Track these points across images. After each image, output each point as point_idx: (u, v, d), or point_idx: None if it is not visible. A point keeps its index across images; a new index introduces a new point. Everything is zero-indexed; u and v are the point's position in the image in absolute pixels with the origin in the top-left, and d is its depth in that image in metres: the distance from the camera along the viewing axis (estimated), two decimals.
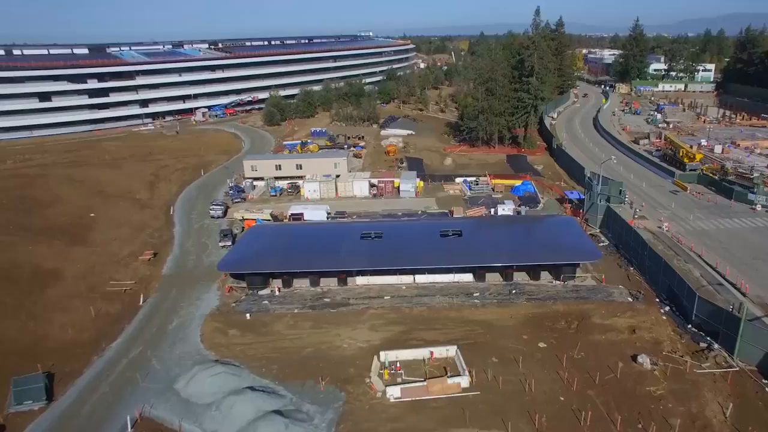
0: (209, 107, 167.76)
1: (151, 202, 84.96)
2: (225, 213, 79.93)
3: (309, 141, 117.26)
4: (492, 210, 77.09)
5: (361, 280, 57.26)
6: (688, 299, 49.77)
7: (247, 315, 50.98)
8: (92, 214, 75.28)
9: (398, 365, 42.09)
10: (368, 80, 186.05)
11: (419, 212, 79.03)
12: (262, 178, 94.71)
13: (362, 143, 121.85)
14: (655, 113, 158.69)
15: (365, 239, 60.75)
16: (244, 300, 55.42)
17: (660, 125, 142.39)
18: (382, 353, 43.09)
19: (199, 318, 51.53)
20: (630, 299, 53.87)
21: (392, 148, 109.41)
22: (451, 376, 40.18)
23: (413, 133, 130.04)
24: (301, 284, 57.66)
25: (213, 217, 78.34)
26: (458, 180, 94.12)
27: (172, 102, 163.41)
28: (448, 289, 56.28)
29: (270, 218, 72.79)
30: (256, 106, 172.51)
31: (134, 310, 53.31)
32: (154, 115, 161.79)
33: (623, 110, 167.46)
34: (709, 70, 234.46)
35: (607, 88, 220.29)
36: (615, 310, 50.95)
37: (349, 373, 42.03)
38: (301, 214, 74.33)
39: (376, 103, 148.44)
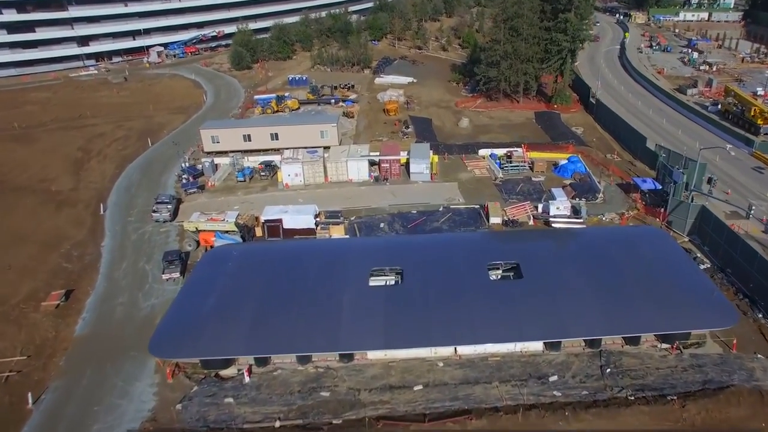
0: (165, 45, 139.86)
1: (74, 196, 62.56)
2: (175, 213, 58.39)
3: (287, 95, 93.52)
4: (540, 207, 56.92)
5: (375, 354, 37.65)
6: None
7: None
8: None
9: None
10: (353, 8, 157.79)
11: (440, 208, 58.53)
12: (227, 153, 72.40)
13: (353, 96, 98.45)
14: (690, 51, 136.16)
15: (378, 281, 40.83)
16: (196, 394, 35.63)
17: (701, 67, 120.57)
18: None
19: None
20: None
21: (393, 105, 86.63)
22: None
23: (414, 80, 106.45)
24: (285, 359, 37.91)
25: (158, 221, 56.89)
26: (483, 152, 72.95)
27: (118, 39, 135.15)
28: (509, 367, 37.10)
29: (235, 229, 51.66)
30: (223, 42, 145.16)
31: (14, 429, 33.23)
32: (99, 56, 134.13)
33: (650, 46, 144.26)
34: None
35: (622, 17, 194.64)
36: None
37: None
38: (279, 220, 53.27)
39: (367, 42, 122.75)
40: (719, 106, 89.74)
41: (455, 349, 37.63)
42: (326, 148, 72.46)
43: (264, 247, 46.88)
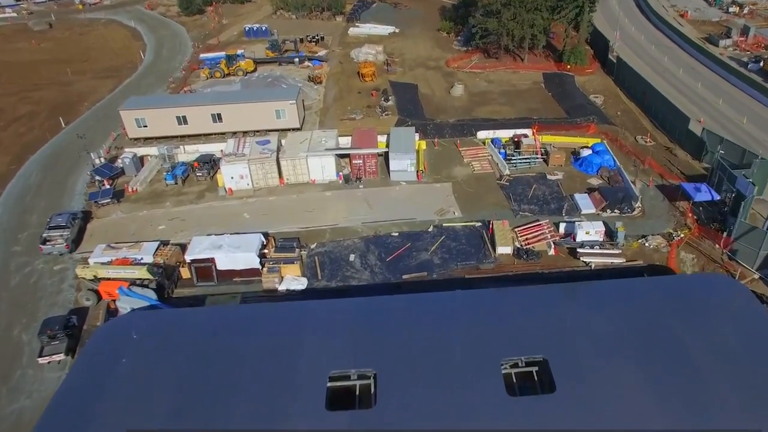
0: None
1: None
2: (80, 238, 43.66)
3: (240, 52, 76.03)
4: (562, 228, 42.97)
5: None
6: None
7: None
8: None
9: None
10: None
11: (430, 227, 44.43)
12: (159, 141, 56.82)
13: (322, 52, 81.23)
14: None
15: (340, 387, 27.55)
16: None
17: (730, 9, 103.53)
18: None
19: None
20: None
21: (369, 69, 69.88)
22: None
23: (396, 30, 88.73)
24: None
25: (49, 254, 42.15)
26: (482, 135, 58.13)
27: None
28: None
29: (148, 276, 37.26)
30: None
31: None
32: None
33: None
34: None
35: None
36: None
37: None
38: (211, 260, 38.92)
39: None
40: (761, 64, 74.67)
41: None
42: (285, 130, 57.29)
43: (178, 322, 32.70)
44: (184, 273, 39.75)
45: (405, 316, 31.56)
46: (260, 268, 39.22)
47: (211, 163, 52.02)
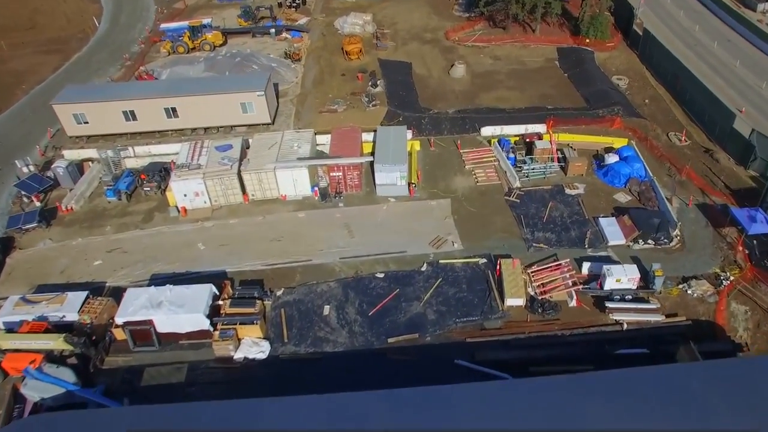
0: None
1: None
2: None
3: (207, 22, 65.28)
4: (586, 268, 34.95)
5: None
6: None
7: None
8: None
9: None
10: None
11: (423, 265, 36.27)
12: (104, 139, 47.90)
13: (302, 20, 70.50)
14: None
15: None
16: None
17: None
18: None
19: None
20: None
21: (355, 46, 59.38)
22: None
23: None
24: None
25: None
26: (486, 132, 49.13)
27: None
28: None
29: (67, 347, 29.43)
30: None
31: None
32: None
33: None
34: None
35: None
36: None
37: None
38: (149, 323, 30.93)
39: None
40: None
41: None
42: (254, 126, 48.41)
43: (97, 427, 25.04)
44: (119, 334, 31.87)
45: (387, 427, 23.97)
46: (211, 329, 31.36)
47: (162, 173, 43.20)
